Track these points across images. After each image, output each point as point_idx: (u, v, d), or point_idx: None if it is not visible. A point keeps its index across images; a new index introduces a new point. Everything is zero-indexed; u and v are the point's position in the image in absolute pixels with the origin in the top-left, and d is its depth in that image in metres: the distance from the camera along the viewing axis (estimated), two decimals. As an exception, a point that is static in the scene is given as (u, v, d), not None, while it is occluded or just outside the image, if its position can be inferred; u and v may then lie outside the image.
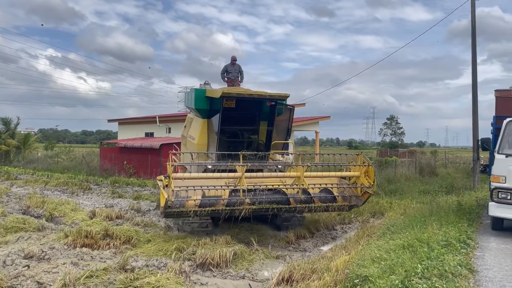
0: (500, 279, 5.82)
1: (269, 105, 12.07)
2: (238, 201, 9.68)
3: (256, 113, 12.44)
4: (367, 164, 10.72)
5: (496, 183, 8.46)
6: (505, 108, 10.27)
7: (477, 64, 18.71)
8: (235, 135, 12.43)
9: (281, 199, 10.19)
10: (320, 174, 10.71)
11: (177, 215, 9.77)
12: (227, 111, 11.53)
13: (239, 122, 12.22)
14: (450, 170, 26.65)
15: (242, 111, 11.93)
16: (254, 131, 12.72)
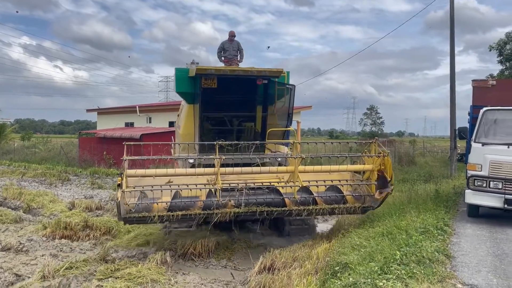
0: (475, 264, 5.98)
1: (260, 84, 10.13)
2: (217, 204, 7.66)
3: (246, 95, 10.42)
4: (382, 154, 8.48)
5: (472, 171, 8.65)
6: (482, 98, 10.44)
7: (455, 55, 18.98)
8: (222, 123, 10.54)
9: (273, 200, 8.08)
10: (327, 169, 8.70)
11: (137, 220, 7.66)
12: (209, 93, 9.73)
13: (226, 107, 10.33)
14: (428, 159, 27.16)
15: (228, 93, 10.09)
16: (246, 118, 10.77)
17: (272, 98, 10.64)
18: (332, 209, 8.27)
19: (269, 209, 7.84)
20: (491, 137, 8.68)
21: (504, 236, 7.58)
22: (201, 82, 9.51)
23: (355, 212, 8.58)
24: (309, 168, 8.63)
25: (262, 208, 7.80)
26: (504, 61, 27.25)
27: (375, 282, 5.09)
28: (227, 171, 7.93)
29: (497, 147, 8.40)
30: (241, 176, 8.30)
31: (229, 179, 8.24)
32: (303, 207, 8.09)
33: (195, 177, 8.23)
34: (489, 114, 8.87)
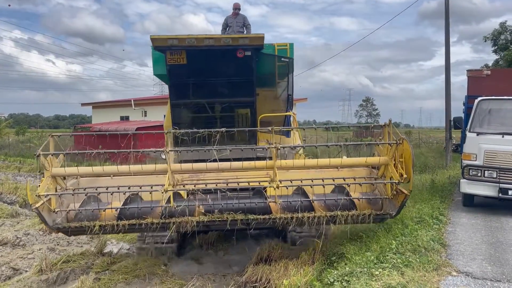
0: (470, 252, 6.04)
1: (241, 57, 7.53)
2: (181, 210, 5.91)
3: (230, 71, 7.87)
4: (396, 141, 6.06)
5: (467, 160, 8.70)
6: (477, 88, 10.48)
7: (450, 45, 18.99)
8: (202, 110, 8.29)
9: (255, 205, 6.07)
10: (326, 163, 6.41)
11: (73, 231, 6.06)
12: (177, 72, 7.65)
13: (203, 88, 8.12)
14: (423, 149, 27.26)
15: (204, 71, 7.88)
16: (235, 103, 8.38)
17: (265, 77, 8.28)
18: (332, 217, 5.98)
19: (245, 218, 5.82)
20: (485, 126, 8.73)
21: (498, 225, 7.64)
22: (166, 57, 7.47)
23: (365, 221, 6.08)
24: (298, 163, 6.50)
25: (236, 216, 5.82)
26: (498, 51, 27.29)
27: (371, 271, 5.14)
28: (184, 168, 6.25)
29: (491, 137, 8.44)
30: (222, 175, 6.54)
31: (207, 177, 6.56)
32: (292, 215, 5.93)
33: (152, 176, 6.46)
34: (483, 104, 8.91)
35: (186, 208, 5.87)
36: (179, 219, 5.81)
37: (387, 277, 4.85)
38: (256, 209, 6.02)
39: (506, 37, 27.06)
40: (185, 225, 5.82)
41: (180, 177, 6.47)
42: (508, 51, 25.55)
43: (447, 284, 4.85)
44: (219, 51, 7.41)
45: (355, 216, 6.00)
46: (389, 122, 6.28)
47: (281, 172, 6.28)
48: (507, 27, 26.94)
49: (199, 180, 6.54)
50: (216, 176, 6.56)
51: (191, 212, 5.95)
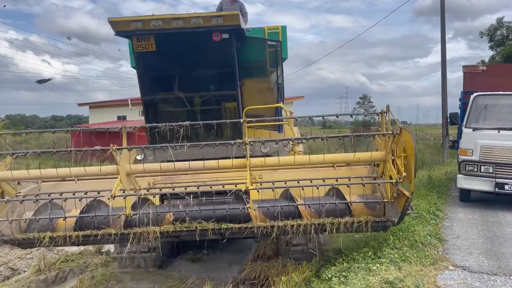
0: (467, 246, 6.08)
1: (218, 41, 6.37)
2: (146, 218, 4.96)
3: (207, 59, 6.81)
4: (392, 131, 4.95)
5: (463, 156, 8.74)
6: (473, 84, 10.53)
7: (446, 42, 19.04)
8: (180, 104, 7.15)
9: (232, 213, 5.01)
10: (319, 159, 5.36)
11: (20, 244, 5.26)
12: (147, 61, 6.66)
13: (178, 80, 7.07)
14: (420, 146, 27.34)
15: (177, 59, 6.83)
16: (214, 95, 7.12)
17: (254, 64, 7.36)
18: (321, 225, 4.91)
19: (217, 227, 4.88)
20: (481, 122, 8.78)
21: (495, 219, 7.69)
22: (133, 44, 6.45)
23: (361, 229, 4.98)
24: (270, 161, 5.30)
25: (207, 225, 4.89)
26: (495, 47, 27.40)
27: (369, 266, 5.16)
28: (146, 169, 5.32)
29: (487, 132, 8.49)
30: (200, 177, 5.76)
31: (182, 180, 5.77)
32: (272, 223, 4.89)
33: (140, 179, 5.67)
34: (479, 100, 8.95)
35: (145, 217, 4.88)
36: (140, 229, 4.86)
37: (385, 272, 4.87)
38: (233, 217, 4.97)
39: (503, 33, 27.19)
40: (146, 236, 4.89)
41: (152, 180, 5.76)
42: (505, 47, 25.64)
43: (444, 278, 4.88)
44: (193, 35, 6.31)
45: (348, 224, 4.89)
46: (387, 109, 5.15)
47: (267, 172, 5.64)
48: (504, 22, 27.06)
49: (174, 183, 5.72)
50: (193, 179, 5.73)
51: (158, 220, 4.98)
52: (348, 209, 5.07)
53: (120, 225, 4.99)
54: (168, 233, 4.93)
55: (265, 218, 5.00)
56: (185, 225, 4.93)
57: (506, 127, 8.31)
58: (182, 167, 5.21)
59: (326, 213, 5.00)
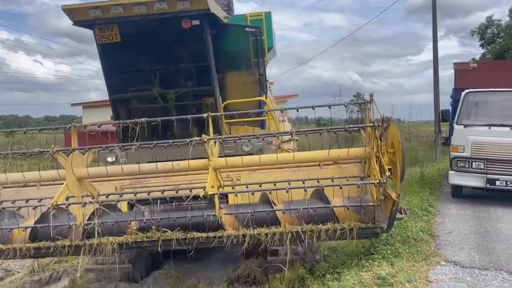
0: (459, 242, 6.14)
1: (189, 28, 5.78)
2: (101, 228, 4.36)
3: (178, 50, 6.28)
4: (373, 123, 4.26)
5: (455, 152, 8.82)
6: (464, 81, 10.64)
7: (437, 39, 19.17)
8: (153, 100, 6.52)
9: (204, 220, 4.33)
10: (286, 158, 4.78)
11: None
12: (113, 54, 6.11)
13: (147, 75, 6.49)
14: (413, 143, 27.48)
15: (145, 51, 6.26)
16: (187, 92, 6.51)
17: (236, 55, 6.67)
18: (300, 233, 4.26)
19: (183, 236, 4.26)
20: (472, 118, 8.87)
21: (486, 215, 7.78)
22: (95, 35, 5.88)
23: (345, 237, 4.35)
24: (234, 162, 4.51)
25: (169, 234, 4.28)
26: (485, 45, 27.64)
27: (362, 262, 5.22)
28: (91, 173, 4.55)
29: (478, 128, 8.58)
30: (174, 179, 5.24)
31: (153, 183, 5.30)
32: (244, 232, 4.27)
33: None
34: (470, 96, 9.04)
35: (97, 227, 4.34)
36: (95, 240, 4.31)
37: (377, 268, 4.92)
38: (205, 224, 4.31)
39: (493, 31, 27.42)
40: (104, 248, 4.34)
41: (120, 184, 5.33)
42: (495, 45, 25.86)
43: (436, 273, 4.93)
44: (160, 23, 5.78)
45: (330, 231, 4.24)
46: (371, 98, 4.53)
47: (246, 173, 5.16)
48: (494, 21, 27.30)
49: (143, 187, 5.25)
50: (165, 182, 5.25)
51: (120, 229, 4.42)
52: (332, 214, 4.36)
53: (79, 236, 4.39)
54: (127, 244, 4.34)
55: (239, 226, 4.35)
56: (147, 235, 4.31)
57: (497, 123, 8.40)
58: (132, 171, 4.64)
59: (309, 218, 4.33)
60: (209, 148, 4.27)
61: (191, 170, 4.57)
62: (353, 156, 4.55)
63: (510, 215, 7.79)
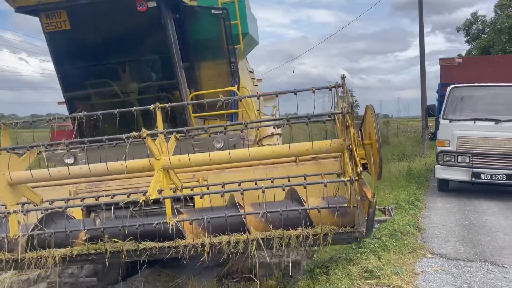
0: (444, 235, 6.24)
1: (144, 11, 5.13)
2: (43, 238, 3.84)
3: (135, 38, 5.54)
4: (342, 110, 3.60)
5: (441, 147, 8.94)
6: (449, 76, 10.76)
7: (424, 35, 19.34)
8: (113, 95, 5.86)
9: (159, 228, 3.70)
10: (238, 154, 3.85)
11: None
12: (62, 44, 5.49)
13: (102, 67, 5.75)
14: (401, 139, 27.77)
15: (98, 40, 5.57)
16: (147, 86, 5.81)
17: (207, 43, 5.87)
18: (268, 240, 3.68)
19: (134, 247, 3.74)
20: (458, 113, 8.99)
21: (472, 208, 7.91)
22: (42, 24, 5.26)
23: (318, 243, 3.75)
24: (180, 160, 3.72)
25: (119, 245, 3.73)
26: (471, 41, 27.96)
27: (350, 256, 5.28)
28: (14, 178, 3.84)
29: (464, 123, 8.70)
30: (133, 181, 4.68)
31: (111, 186, 4.81)
32: (203, 241, 3.69)
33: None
34: (456, 91, 9.16)
35: (35, 238, 3.78)
36: (33, 254, 3.78)
37: (365, 261, 4.98)
38: (161, 233, 3.74)
39: (478, 27, 27.74)
40: (45, 262, 3.79)
41: (74, 188, 4.82)
42: (480, 40, 26.17)
43: (422, 265, 5.01)
44: (112, 6, 5.14)
45: (302, 237, 3.64)
46: (342, 80, 3.81)
47: (214, 173, 4.68)
48: (478, 17, 27.62)
49: (100, 190, 4.75)
50: (124, 184, 4.72)
51: (69, 240, 3.85)
52: (307, 218, 3.76)
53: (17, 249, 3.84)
54: (71, 257, 3.80)
55: (202, 233, 3.80)
56: (94, 247, 3.80)
57: (482, 117, 8.53)
58: (80, 172, 3.97)
59: (280, 223, 3.77)
60: (155, 145, 3.64)
61: (132, 171, 3.87)
62: (319, 149, 3.81)
63: (495, 208, 7.93)
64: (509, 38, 24.81)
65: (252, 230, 3.78)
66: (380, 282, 4.49)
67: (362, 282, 4.54)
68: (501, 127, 8.29)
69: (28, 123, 4.33)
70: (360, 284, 4.50)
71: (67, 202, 4.28)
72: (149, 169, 3.74)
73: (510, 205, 8.11)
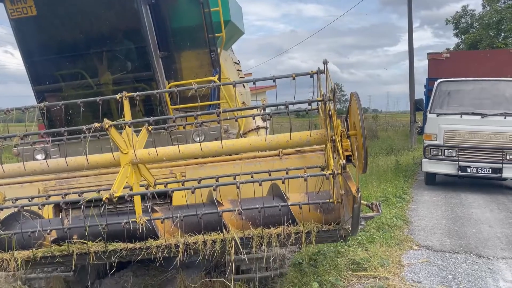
0: (431, 227, 6.32)
1: None
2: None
3: (106, 24, 5.18)
4: (324, 97, 3.27)
5: (428, 141, 9.02)
6: (437, 70, 10.83)
7: (413, 31, 19.46)
8: (85, 86, 5.51)
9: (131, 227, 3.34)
10: (223, 146, 3.52)
11: None
12: (28, 30, 5.17)
13: (72, 58, 5.36)
14: (390, 133, 27.98)
15: (66, 27, 5.16)
16: (121, 78, 5.44)
17: (186, 31, 5.59)
18: (246, 239, 3.40)
19: (103, 249, 3.45)
20: (445, 107, 9.07)
21: (458, 201, 8.01)
22: (7, 10, 5.00)
23: (300, 242, 3.43)
24: (149, 154, 3.49)
25: (87, 246, 3.45)
26: (459, 34, 28.14)
27: (337, 248, 5.33)
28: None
29: (451, 117, 8.78)
30: (106, 178, 4.48)
31: (82, 183, 4.55)
32: (176, 241, 3.42)
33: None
34: (443, 86, 9.23)
35: (10, 238, 3.53)
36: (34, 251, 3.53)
37: (352, 254, 5.04)
38: (131, 233, 3.46)
39: (467, 21, 27.92)
40: (6, 265, 3.52)
41: (43, 186, 4.58)
42: (469, 35, 26.37)
43: (408, 257, 5.08)
44: None
45: (283, 236, 3.38)
46: (325, 66, 3.48)
47: (192, 168, 4.45)
48: (468, 10, 27.81)
49: (70, 188, 4.49)
50: (96, 181, 4.52)
51: (33, 240, 3.59)
52: (290, 215, 3.46)
53: None
54: (35, 260, 3.53)
55: (177, 233, 3.51)
56: (59, 249, 3.54)
57: (468, 112, 8.62)
58: (39, 168, 3.75)
59: (260, 221, 3.52)
60: (121, 138, 3.39)
61: (96, 166, 3.70)
62: (299, 141, 3.56)
63: (480, 200, 8.05)
64: (497, 33, 25.07)
65: (230, 228, 3.51)
66: (367, 274, 4.55)
67: (349, 274, 4.60)
68: (487, 121, 8.39)
69: None
70: (347, 276, 4.55)
71: (31, 200, 3.94)
72: (115, 164, 3.47)
73: (495, 198, 8.24)
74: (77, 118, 4.29)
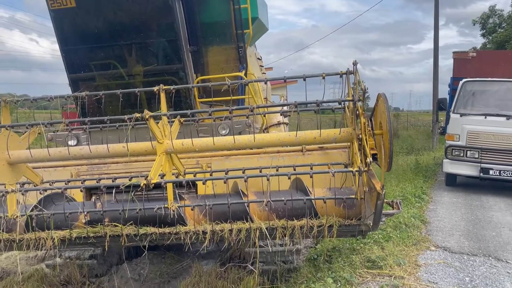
0: (449, 228, 6.23)
1: None
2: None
3: (144, 19, 5.35)
4: (353, 98, 3.47)
5: (450, 141, 8.87)
6: (462, 70, 10.62)
7: (439, 28, 19.08)
8: (118, 77, 5.70)
9: (162, 213, 3.55)
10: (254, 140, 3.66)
11: None
12: (67, 21, 5.36)
13: (108, 49, 5.55)
14: (411, 132, 27.60)
15: (103, 19, 5.38)
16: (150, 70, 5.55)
17: (215, 27, 5.77)
18: (270, 230, 3.55)
19: (134, 232, 3.65)
20: (469, 108, 8.89)
21: (478, 203, 7.87)
22: (47, 0, 5.20)
23: (323, 234, 3.61)
24: (183, 145, 3.65)
25: (118, 229, 3.65)
26: (487, 35, 27.50)
27: (353, 246, 5.31)
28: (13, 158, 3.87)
29: (474, 118, 8.61)
30: (136, 165, 4.69)
31: (113, 169, 4.76)
32: (204, 228, 3.60)
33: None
34: (468, 86, 9.05)
35: (48, 218, 3.74)
36: (30, 235, 3.74)
37: (368, 251, 5.01)
38: (162, 218, 3.65)
39: (495, 21, 27.24)
40: (43, 243, 3.76)
41: (75, 171, 4.79)
42: (496, 34, 25.73)
43: (425, 258, 5.02)
44: None
45: (306, 228, 3.51)
46: (354, 67, 3.56)
47: (218, 159, 4.62)
48: (496, 10, 27.12)
49: (102, 174, 4.69)
50: (126, 168, 4.69)
51: (69, 222, 3.84)
52: (312, 208, 3.63)
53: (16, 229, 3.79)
54: (70, 240, 3.77)
55: (203, 220, 3.75)
56: (93, 230, 3.74)
57: (493, 113, 8.44)
58: (80, 153, 3.92)
59: (284, 213, 3.66)
60: (158, 128, 3.55)
61: (134, 154, 3.85)
62: (327, 138, 3.62)
63: (501, 204, 7.89)
64: (526, 33, 24.38)
65: (255, 218, 3.69)
66: (382, 272, 4.52)
67: (364, 271, 4.58)
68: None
69: (29, 101, 4.21)
70: (362, 273, 4.54)
71: (67, 183, 4.24)
72: (152, 153, 3.65)
73: (517, 202, 8.08)
74: (109, 107, 4.58)
